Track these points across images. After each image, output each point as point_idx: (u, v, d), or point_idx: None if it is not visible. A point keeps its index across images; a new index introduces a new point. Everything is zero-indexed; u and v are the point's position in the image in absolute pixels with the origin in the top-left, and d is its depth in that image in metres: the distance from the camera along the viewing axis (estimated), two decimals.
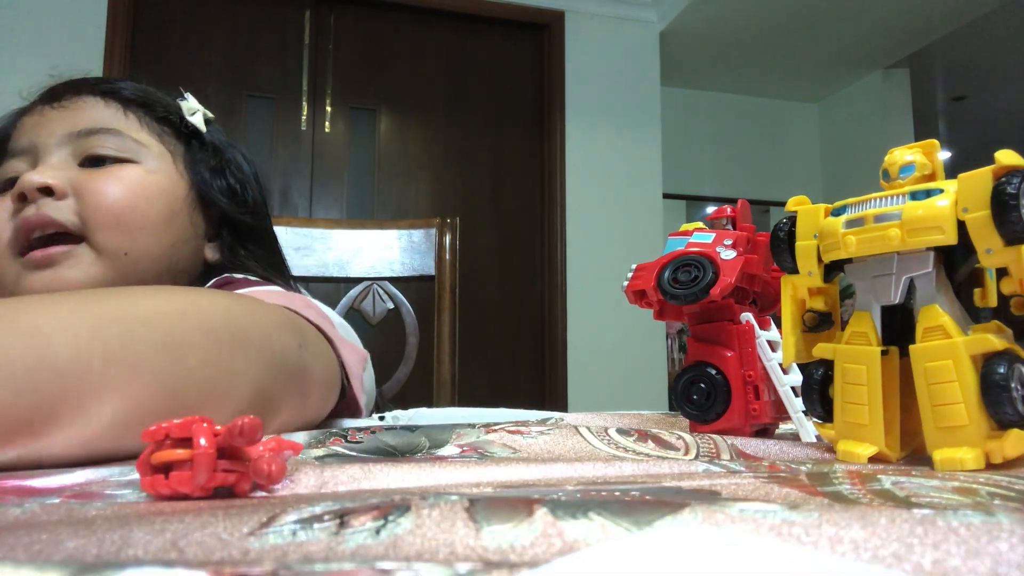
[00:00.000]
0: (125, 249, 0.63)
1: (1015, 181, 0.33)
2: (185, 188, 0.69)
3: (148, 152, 0.67)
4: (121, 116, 0.68)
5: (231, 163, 0.74)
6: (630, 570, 0.14)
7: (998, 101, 4.93)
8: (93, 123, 0.66)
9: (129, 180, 0.64)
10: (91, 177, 0.63)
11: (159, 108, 0.70)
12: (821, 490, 0.26)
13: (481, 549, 0.17)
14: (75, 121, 0.66)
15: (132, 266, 0.63)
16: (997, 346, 0.33)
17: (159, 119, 0.70)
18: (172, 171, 0.68)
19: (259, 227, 0.75)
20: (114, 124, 0.67)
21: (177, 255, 0.68)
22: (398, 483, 0.28)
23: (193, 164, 0.70)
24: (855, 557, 0.16)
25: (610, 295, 3.16)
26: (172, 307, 0.40)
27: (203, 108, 0.74)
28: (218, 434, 0.26)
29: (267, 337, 0.44)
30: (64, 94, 0.68)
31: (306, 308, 0.55)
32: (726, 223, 0.47)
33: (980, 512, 0.19)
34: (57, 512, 0.22)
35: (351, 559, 0.17)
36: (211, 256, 0.72)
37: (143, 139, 0.68)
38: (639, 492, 0.25)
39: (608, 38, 3.48)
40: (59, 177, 0.62)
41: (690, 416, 0.44)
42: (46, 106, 0.68)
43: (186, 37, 2.98)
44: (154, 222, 0.65)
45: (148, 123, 0.69)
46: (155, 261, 0.65)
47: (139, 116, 0.69)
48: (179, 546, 0.18)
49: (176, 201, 0.68)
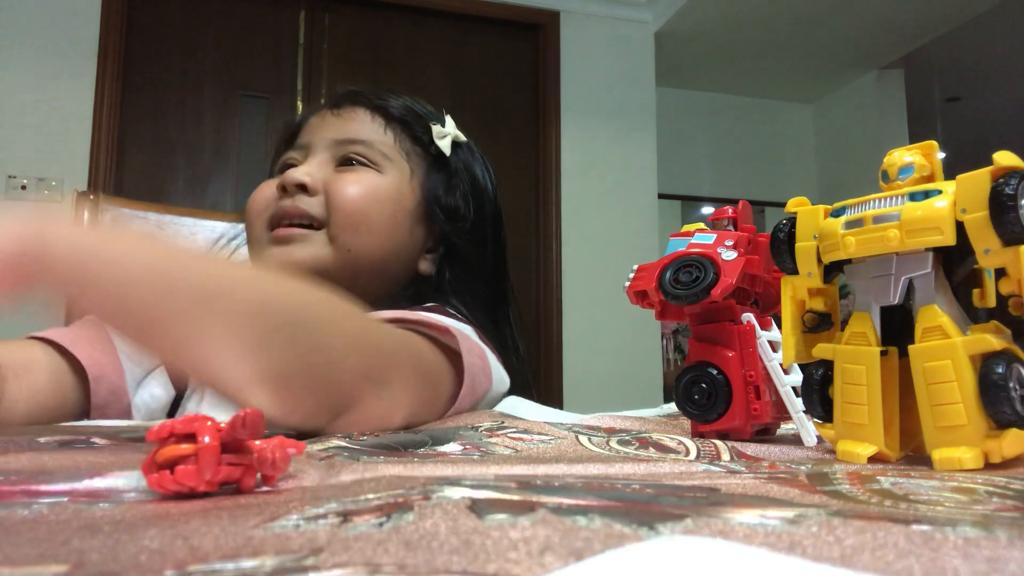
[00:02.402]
0: (350, 246, 0.72)
1: (1013, 182, 0.33)
2: (413, 201, 0.77)
3: (391, 165, 0.76)
4: (381, 130, 0.78)
5: (464, 185, 0.81)
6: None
7: (993, 102, 4.95)
8: (355, 134, 0.76)
9: (366, 184, 0.74)
10: (339, 178, 0.73)
11: (417, 128, 0.79)
12: (820, 490, 0.26)
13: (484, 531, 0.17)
14: (343, 129, 0.77)
15: (353, 261, 0.72)
16: (995, 346, 0.33)
17: (413, 138, 0.79)
18: (405, 184, 0.77)
19: (475, 253, 0.80)
20: (370, 136, 0.76)
21: (393, 260, 0.76)
22: (402, 476, 0.28)
23: (428, 181, 0.78)
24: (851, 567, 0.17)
25: (606, 295, 3.16)
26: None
27: (456, 132, 0.82)
28: (221, 429, 0.26)
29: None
30: (343, 103, 0.79)
31: (468, 364, 0.60)
32: (727, 224, 0.47)
33: (978, 528, 0.19)
34: (64, 512, 0.22)
35: (354, 547, 0.17)
36: (424, 268, 0.79)
37: (391, 154, 0.77)
38: (640, 486, 0.25)
39: (603, 38, 3.49)
40: (314, 176, 0.73)
41: (691, 416, 0.44)
42: (328, 111, 0.79)
43: (180, 36, 2.97)
44: (378, 225, 0.73)
45: (402, 140, 0.78)
46: (372, 261, 0.73)
47: (396, 133, 0.78)
48: (187, 540, 0.18)
49: (401, 211, 0.75)
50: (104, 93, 2.79)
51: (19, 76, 2.73)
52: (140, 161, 2.90)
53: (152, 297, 0.41)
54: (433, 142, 0.79)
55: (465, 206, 0.80)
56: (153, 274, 0.41)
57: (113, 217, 1.02)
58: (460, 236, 0.79)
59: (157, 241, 0.49)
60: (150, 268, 0.42)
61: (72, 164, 2.75)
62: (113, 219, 1.02)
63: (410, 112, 0.79)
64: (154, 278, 0.41)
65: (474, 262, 0.80)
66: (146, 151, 2.91)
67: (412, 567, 0.16)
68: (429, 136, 0.79)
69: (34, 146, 2.73)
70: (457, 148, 0.82)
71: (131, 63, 2.89)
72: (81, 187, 2.70)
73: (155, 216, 1.04)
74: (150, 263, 0.42)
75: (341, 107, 0.78)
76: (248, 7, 3.04)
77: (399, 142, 0.78)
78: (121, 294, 0.41)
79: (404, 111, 0.79)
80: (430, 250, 0.79)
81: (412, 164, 0.78)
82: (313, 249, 0.71)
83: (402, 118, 0.78)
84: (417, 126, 0.79)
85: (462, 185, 0.80)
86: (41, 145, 2.74)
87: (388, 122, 0.78)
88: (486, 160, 0.86)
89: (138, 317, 0.42)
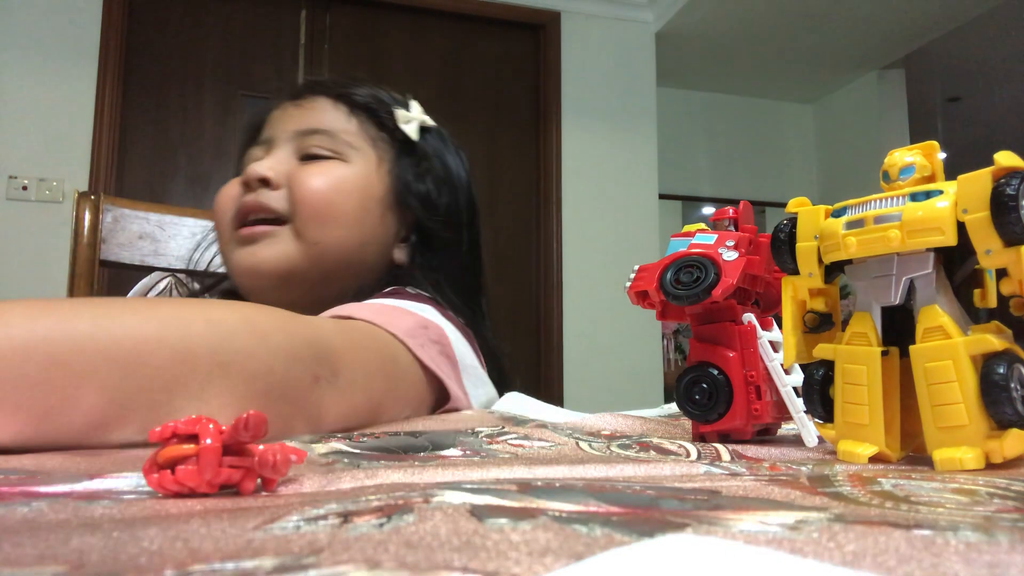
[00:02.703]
0: (317, 239, 0.69)
1: (1014, 182, 0.33)
2: (382, 189, 0.75)
3: (357, 154, 0.74)
4: (344, 118, 0.75)
5: (435, 171, 0.78)
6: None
7: (993, 102, 4.95)
8: (318, 124, 0.74)
9: (330, 175, 0.71)
10: (302, 171, 0.71)
11: (382, 114, 0.77)
12: (821, 492, 0.26)
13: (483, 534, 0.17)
14: (305, 120, 0.74)
15: (320, 256, 0.70)
16: (997, 346, 0.33)
17: (379, 125, 0.77)
18: (372, 172, 0.74)
19: (450, 238, 0.78)
20: (335, 126, 0.74)
21: (365, 251, 0.73)
22: (403, 481, 0.28)
23: (397, 168, 0.76)
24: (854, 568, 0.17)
25: (606, 295, 3.16)
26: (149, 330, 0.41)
27: (423, 117, 0.79)
28: (223, 431, 0.26)
29: (266, 371, 0.44)
30: (304, 93, 0.77)
31: (408, 332, 0.58)
32: (728, 224, 0.47)
33: (979, 532, 0.19)
34: (64, 511, 0.22)
35: (354, 546, 0.17)
36: (399, 257, 0.77)
37: (356, 142, 0.74)
38: (640, 488, 0.25)
39: (604, 39, 3.49)
40: (277, 170, 0.71)
41: (692, 416, 0.44)
42: (289, 103, 0.77)
43: (181, 36, 2.98)
44: (346, 216, 0.71)
45: (367, 128, 0.76)
46: (343, 253, 0.71)
47: (361, 120, 0.76)
48: (187, 542, 0.18)
49: (369, 200, 0.73)
50: (105, 93, 2.80)
51: (20, 76, 2.73)
52: (141, 161, 2.90)
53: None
54: (399, 128, 0.77)
55: (437, 192, 0.78)
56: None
57: (114, 217, 1.02)
58: (434, 222, 0.76)
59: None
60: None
61: (73, 164, 2.76)
62: (114, 219, 1.02)
63: (374, 98, 0.77)
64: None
65: (449, 248, 0.78)
66: (147, 151, 2.91)
67: (412, 563, 0.16)
68: (394, 121, 0.77)
69: (35, 146, 2.74)
70: (426, 133, 0.79)
71: (132, 63, 2.89)
72: (82, 187, 2.70)
73: (156, 216, 1.04)
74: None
75: (302, 98, 0.77)
76: (249, 7, 3.05)
77: (364, 129, 0.76)
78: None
79: (368, 98, 0.77)
80: (404, 239, 0.77)
81: (379, 151, 0.76)
82: (280, 247, 0.69)
83: (366, 105, 0.76)
84: (382, 112, 0.77)
85: (433, 170, 0.78)
86: (42, 145, 2.75)
87: (352, 110, 0.76)
88: (458, 148, 0.84)
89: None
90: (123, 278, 1.09)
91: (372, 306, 0.62)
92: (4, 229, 2.68)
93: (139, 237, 1.03)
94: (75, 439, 0.37)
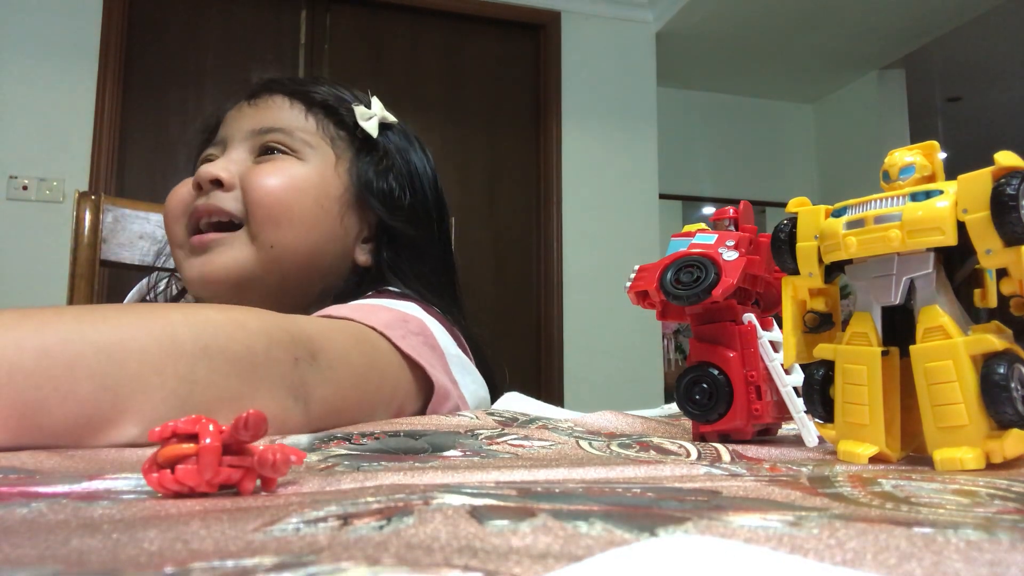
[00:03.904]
0: (272, 242, 0.67)
1: (1014, 182, 0.33)
2: (340, 188, 0.72)
3: (313, 153, 0.72)
4: (302, 118, 0.73)
5: (397, 168, 0.76)
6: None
7: (994, 102, 4.95)
8: (273, 122, 0.71)
9: (284, 174, 0.69)
10: (255, 170, 0.69)
11: (341, 111, 0.74)
12: (822, 492, 0.26)
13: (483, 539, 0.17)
14: (261, 119, 0.72)
15: (277, 259, 0.67)
16: (997, 346, 0.33)
17: (338, 123, 0.74)
18: (330, 171, 0.72)
19: (417, 236, 0.75)
20: (290, 124, 0.72)
21: (323, 253, 0.71)
22: (402, 483, 0.28)
23: (357, 166, 0.74)
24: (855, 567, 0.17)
25: (606, 295, 3.16)
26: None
27: (384, 113, 0.77)
28: (223, 431, 0.26)
29: (248, 351, 0.44)
30: (260, 92, 0.75)
31: (387, 325, 0.58)
32: (728, 224, 0.47)
33: (980, 530, 0.19)
34: (63, 511, 0.22)
35: (354, 547, 0.17)
36: (362, 259, 0.74)
37: (313, 141, 0.72)
38: (640, 490, 0.25)
39: (604, 38, 3.49)
40: (230, 171, 0.68)
41: (692, 416, 0.44)
42: (244, 102, 0.75)
43: (182, 36, 2.98)
44: (301, 216, 0.68)
45: (325, 126, 0.73)
46: (300, 256, 0.69)
47: (319, 119, 0.73)
48: (187, 543, 0.18)
49: (327, 199, 0.71)
50: (105, 93, 2.80)
51: (20, 76, 2.73)
52: (141, 161, 2.90)
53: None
54: (356, 125, 0.74)
55: (400, 189, 0.75)
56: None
57: (115, 217, 1.02)
58: (397, 220, 0.74)
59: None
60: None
61: (73, 164, 2.76)
62: (115, 219, 1.02)
63: (332, 95, 0.75)
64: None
65: (417, 246, 0.75)
66: (147, 151, 2.91)
67: (412, 561, 0.16)
68: (354, 119, 0.74)
69: (35, 146, 2.74)
70: (387, 130, 0.77)
71: (132, 63, 2.89)
72: (82, 187, 2.70)
73: (156, 216, 1.04)
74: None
75: (258, 96, 0.74)
76: (249, 7, 3.05)
77: (322, 127, 0.73)
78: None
79: (325, 95, 0.75)
80: (367, 239, 0.75)
81: (337, 150, 0.73)
82: (233, 253, 0.67)
83: (323, 102, 0.74)
84: (341, 109, 0.74)
85: (395, 168, 0.75)
86: (42, 145, 2.75)
87: (309, 108, 0.73)
88: (422, 143, 0.81)
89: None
90: (123, 278, 1.09)
91: (351, 305, 0.62)
92: (4, 229, 2.68)
93: (139, 237, 1.03)
94: (72, 432, 0.37)
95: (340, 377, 0.51)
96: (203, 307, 0.47)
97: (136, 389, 0.39)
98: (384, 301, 0.66)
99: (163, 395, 0.39)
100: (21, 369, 0.36)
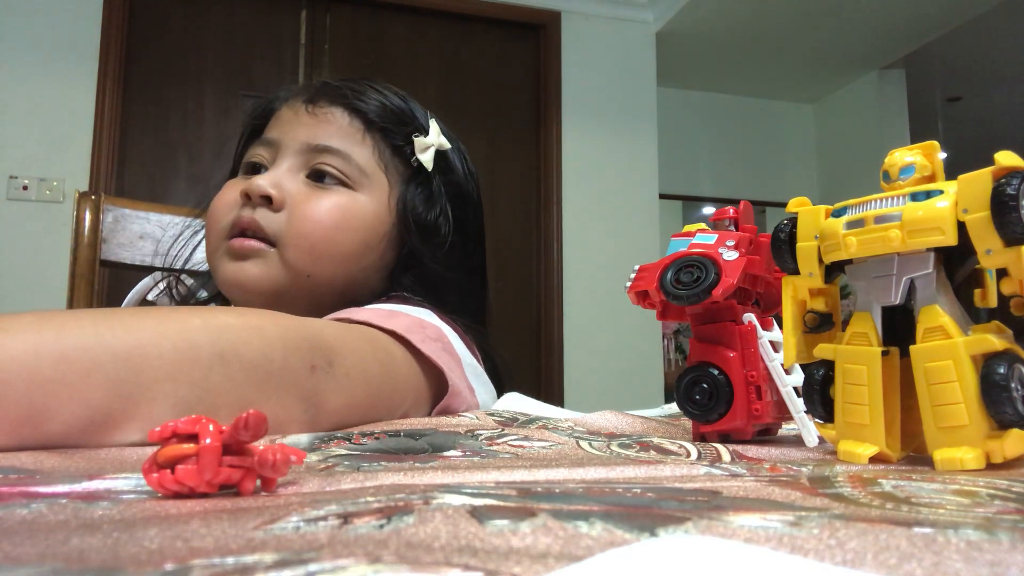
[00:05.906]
0: (309, 272, 0.66)
1: (1015, 182, 0.33)
2: (388, 224, 0.71)
3: (368, 182, 0.70)
4: (359, 138, 0.70)
5: (445, 201, 0.74)
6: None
7: (994, 102, 4.95)
8: (330, 142, 0.69)
9: (337, 208, 0.67)
10: (309, 199, 0.67)
11: (398, 137, 0.72)
12: (822, 492, 0.26)
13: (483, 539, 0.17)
14: (317, 133, 0.69)
15: (310, 288, 0.67)
16: (997, 346, 0.33)
17: (393, 148, 0.72)
18: (383, 206, 0.70)
19: (449, 272, 0.73)
20: (347, 146, 0.69)
21: (358, 282, 0.70)
22: (402, 483, 0.28)
23: (407, 197, 0.72)
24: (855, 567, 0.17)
25: (607, 295, 3.16)
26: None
27: (440, 139, 0.74)
28: (223, 431, 0.26)
29: (264, 358, 0.44)
30: (319, 99, 0.72)
31: (406, 329, 0.57)
32: (729, 224, 0.47)
33: (980, 531, 0.19)
34: (64, 511, 0.22)
35: (354, 545, 0.17)
36: (393, 282, 0.72)
37: (368, 167, 0.70)
38: (640, 490, 0.25)
39: (604, 38, 3.49)
40: (281, 189, 0.66)
41: (692, 416, 0.44)
42: (302, 106, 0.72)
43: (182, 36, 2.98)
44: (345, 253, 0.68)
45: (382, 151, 0.71)
46: (336, 286, 0.68)
47: (376, 141, 0.71)
48: (187, 542, 0.18)
49: (375, 237, 0.70)
50: (105, 93, 2.80)
51: (21, 76, 2.73)
52: (141, 161, 2.90)
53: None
54: (412, 153, 0.72)
55: (446, 223, 0.73)
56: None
57: (115, 217, 1.02)
58: (437, 262, 0.72)
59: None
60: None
61: (73, 164, 2.76)
62: (115, 219, 1.02)
63: (392, 117, 0.72)
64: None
65: (445, 278, 0.73)
66: (147, 151, 2.91)
67: (412, 559, 0.16)
68: (412, 147, 0.72)
69: (35, 146, 2.74)
70: (444, 154, 0.75)
71: (132, 64, 2.89)
72: (82, 187, 2.70)
73: (156, 216, 1.04)
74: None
75: (316, 103, 0.71)
76: (249, 7, 3.05)
77: (378, 152, 0.71)
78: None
79: (385, 116, 0.72)
80: (399, 263, 0.73)
81: (391, 178, 0.71)
82: (268, 269, 0.66)
83: (382, 123, 0.71)
84: (399, 134, 0.72)
85: (443, 201, 0.74)
86: (42, 145, 2.75)
87: (367, 128, 0.71)
88: (471, 166, 0.79)
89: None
90: (123, 278, 1.09)
91: (369, 310, 0.62)
92: (4, 229, 2.68)
93: (139, 237, 1.03)
94: (76, 436, 0.37)
95: (354, 386, 0.51)
96: (222, 311, 0.46)
97: (147, 396, 0.39)
98: (400, 307, 0.66)
99: (173, 401, 0.40)
100: (38, 375, 0.36)
